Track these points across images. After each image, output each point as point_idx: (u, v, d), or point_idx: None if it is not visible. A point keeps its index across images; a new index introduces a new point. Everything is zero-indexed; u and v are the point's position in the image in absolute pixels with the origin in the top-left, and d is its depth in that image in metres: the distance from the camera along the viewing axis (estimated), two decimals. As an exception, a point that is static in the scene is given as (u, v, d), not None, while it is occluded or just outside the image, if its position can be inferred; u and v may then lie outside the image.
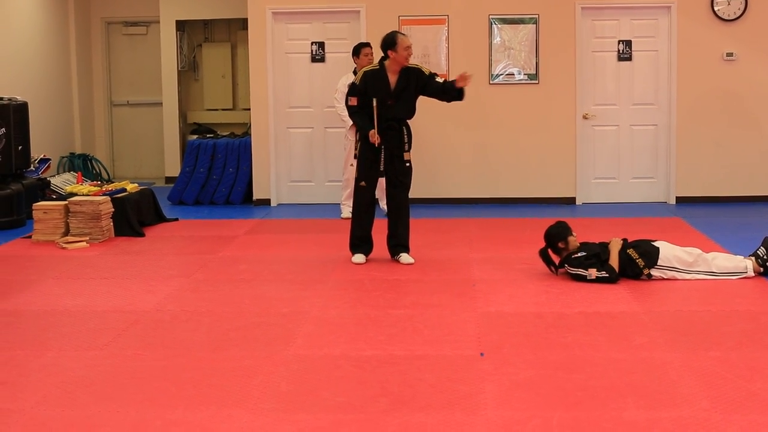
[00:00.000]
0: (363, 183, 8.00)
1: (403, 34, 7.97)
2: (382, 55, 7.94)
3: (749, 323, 5.96)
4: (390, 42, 7.83)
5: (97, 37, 14.47)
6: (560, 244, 7.34)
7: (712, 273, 7.17)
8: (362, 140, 7.98)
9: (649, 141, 11.56)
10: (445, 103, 8.09)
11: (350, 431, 4.23)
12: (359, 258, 8.04)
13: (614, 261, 7.14)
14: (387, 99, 7.85)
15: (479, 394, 4.66)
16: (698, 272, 7.17)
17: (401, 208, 8.07)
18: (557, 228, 7.41)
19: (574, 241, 7.32)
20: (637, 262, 7.16)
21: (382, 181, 8.22)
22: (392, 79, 7.88)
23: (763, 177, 11.44)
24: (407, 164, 8.00)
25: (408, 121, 8.04)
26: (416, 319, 6.12)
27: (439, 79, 7.98)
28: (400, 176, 8.01)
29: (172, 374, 5.05)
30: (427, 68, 8.10)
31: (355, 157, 8.16)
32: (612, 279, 7.06)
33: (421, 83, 7.90)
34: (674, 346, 5.45)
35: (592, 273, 7.09)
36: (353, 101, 7.91)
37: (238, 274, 7.68)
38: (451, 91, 7.95)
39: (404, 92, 7.89)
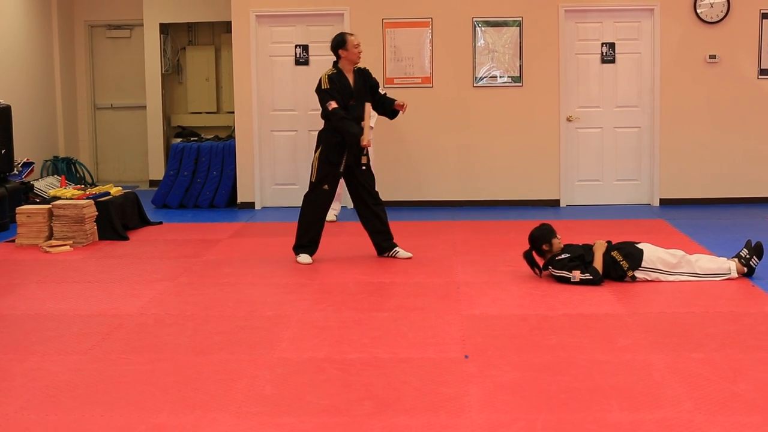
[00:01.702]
0: (326, 186, 8.12)
1: (351, 34, 8.23)
2: (334, 59, 8.17)
3: (732, 325, 5.98)
4: (340, 42, 8.10)
5: (81, 40, 14.44)
6: (544, 247, 7.35)
7: (695, 274, 7.19)
8: (326, 144, 8.09)
9: (633, 143, 11.60)
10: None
11: (335, 434, 4.24)
12: (306, 258, 8.14)
13: (598, 263, 7.15)
14: (350, 99, 8.02)
15: (463, 396, 4.67)
16: (682, 273, 7.19)
17: (380, 205, 8.28)
18: (541, 230, 7.41)
19: (558, 243, 7.33)
20: (621, 264, 7.18)
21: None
22: (350, 79, 8.10)
23: (746, 179, 11.49)
24: (363, 167, 8.18)
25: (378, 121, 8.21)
26: (400, 322, 6.12)
27: (382, 91, 8.30)
28: (371, 183, 8.25)
29: (156, 378, 5.03)
30: (374, 76, 8.32)
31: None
32: (596, 281, 7.07)
33: (369, 84, 8.18)
34: (658, 348, 5.46)
35: (576, 275, 7.11)
36: (334, 104, 7.94)
37: (223, 277, 7.67)
38: (387, 107, 8.26)
39: (361, 92, 8.13)
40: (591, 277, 7.08)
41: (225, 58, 14.03)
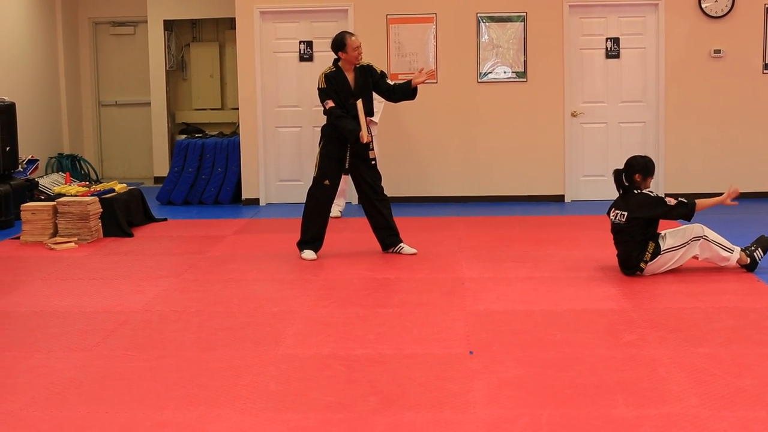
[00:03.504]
0: (327, 182, 8.14)
1: (352, 34, 8.19)
2: (335, 56, 8.16)
3: (737, 320, 5.97)
4: (339, 44, 8.08)
5: (85, 37, 14.44)
6: (637, 177, 7.22)
7: (704, 237, 7.17)
8: (328, 139, 8.13)
9: (638, 138, 11.58)
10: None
11: (339, 430, 4.23)
12: (311, 254, 8.14)
13: (703, 203, 7.20)
14: (349, 98, 8.04)
15: (468, 392, 4.67)
16: (693, 240, 7.15)
17: (383, 201, 8.25)
18: (645, 161, 7.30)
19: (649, 183, 7.27)
20: (647, 254, 7.13)
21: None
22: (350, 77, 8.10)
23: (752, 173, 11.48)
24: (372, 162, 8.19)
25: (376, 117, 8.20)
26: (405, 318, 6.12)
27: (390, 81, 8.24)
28: (375, 179, 8.23)
29: (161, 375, 5.04)
30: (378, 67, 8.31)
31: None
32: (689, 211, 7.09)
33: (373, 80, 8.15)
34: (663, 343, 5.46)
35: (671, 200, 7.09)
36: (331, 103, 7.98)
37: (227, 273, 7.67)
38: (403, 92, 8.19)
39: (363, 90, 8.11)
40: (686, 201, 7.07)
41: (229, 54, 14.03)
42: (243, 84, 11.75)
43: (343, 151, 8.10)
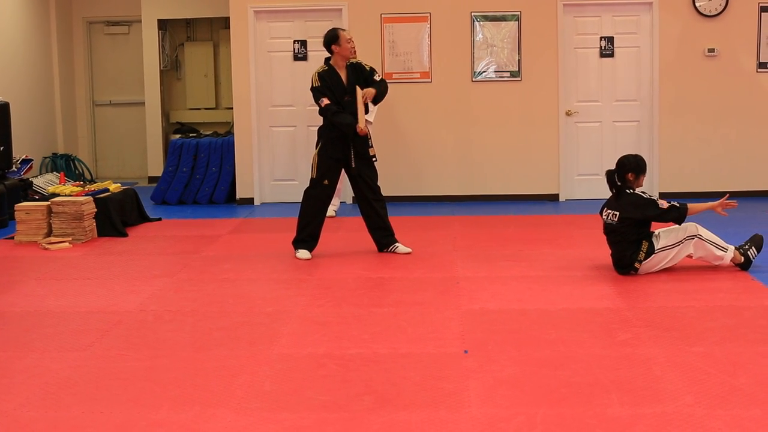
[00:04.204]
0: (326, 182, 8.14)
1: (343, 30, 8.20)
2: (328, 55, 8.16)
3: (732, 318, 5.98)
4: (333, 38, 8.08)
5: (79, 36, 14.43)
6: (629, 176, 7.22)
7: (699, 236, 7.16)
8: (327, 140, 8.12)
9: (632, 137, 11.59)
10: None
11: (334, 430, 4.23)
12: (305, 254, 8.14)
13: (695, 208, 7.17)
14: (344, 95, 8.04)
15: (463, 391, 4.66)
16: (687, 239, 7.15)
17: (380, 201, 8.26)
18: (637, 160, 7.27)
19: (641, 182, 7.26)
20: (641, 253, 7.13)
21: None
22: (342, 75, 8.10)
23: (746, 172, 11.50)
24: (373, 159, 8.23)
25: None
26: (400, 317, 6.12)
27: (377, 77, 8.23)
28: (374, 178, 8.24)
29: (155, 374, 5.03)
30: (367, 64, 8.33)
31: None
32: (681, 215, 7.04)
33: (363, 77, 8.15)
34: (658, 342, 5.46)
35: (664, 203, 7.06)
36: (326, 101, 7.97)
37: (222, 273, 7.67)
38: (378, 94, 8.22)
39: (355, 87, 8.09)
40: (678, 205, 7.04)
41: (223, 53, 14.01)
42: (237, 83, 11.74)
43: (346, 151, 8.10)
